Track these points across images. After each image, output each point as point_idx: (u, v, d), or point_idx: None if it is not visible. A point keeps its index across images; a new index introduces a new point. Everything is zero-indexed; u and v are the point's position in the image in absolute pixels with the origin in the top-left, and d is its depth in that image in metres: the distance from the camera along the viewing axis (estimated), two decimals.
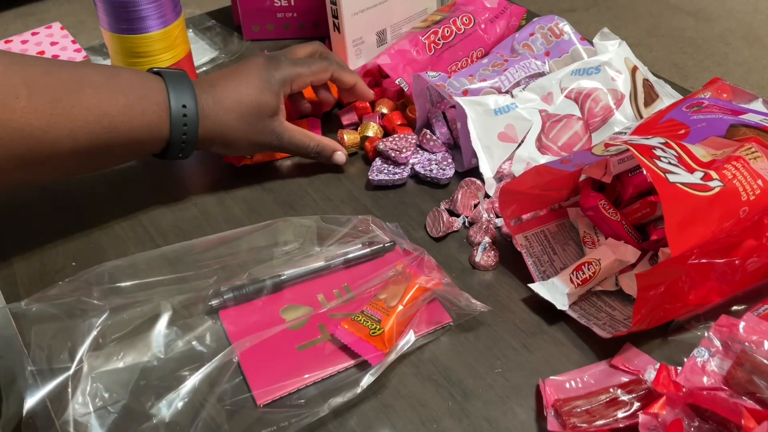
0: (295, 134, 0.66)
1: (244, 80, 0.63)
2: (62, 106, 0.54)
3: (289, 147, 0.67)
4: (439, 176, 0.67)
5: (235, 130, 0.63)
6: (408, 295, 0.53)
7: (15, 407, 0.46)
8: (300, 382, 0.49)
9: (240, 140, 0.64)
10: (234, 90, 0.62)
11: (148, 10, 0.69)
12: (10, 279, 0.59)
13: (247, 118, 0.63)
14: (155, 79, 0.60)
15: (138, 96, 0.58)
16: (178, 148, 0.61)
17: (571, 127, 0.69)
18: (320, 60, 0.68)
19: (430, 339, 0.53)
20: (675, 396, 0.44)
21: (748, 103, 0.66)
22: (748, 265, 0.50)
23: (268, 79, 0.63)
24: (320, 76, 0.68)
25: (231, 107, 0.62)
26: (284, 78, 0.65)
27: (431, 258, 0.57)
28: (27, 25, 2.64)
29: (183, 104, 0.59)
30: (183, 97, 0.60)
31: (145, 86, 0.59)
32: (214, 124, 0.62)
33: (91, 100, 0.55)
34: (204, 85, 0.62)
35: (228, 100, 0.62)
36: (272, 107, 0.64)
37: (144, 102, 0.58)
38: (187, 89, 0.60)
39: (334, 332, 0.52)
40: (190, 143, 0.61)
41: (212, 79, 0.63)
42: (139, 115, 0.58)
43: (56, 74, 0.55)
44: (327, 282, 0.57)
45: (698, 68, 2.34)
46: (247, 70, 0.64)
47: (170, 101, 0.59)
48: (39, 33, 0.84)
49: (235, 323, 0.53)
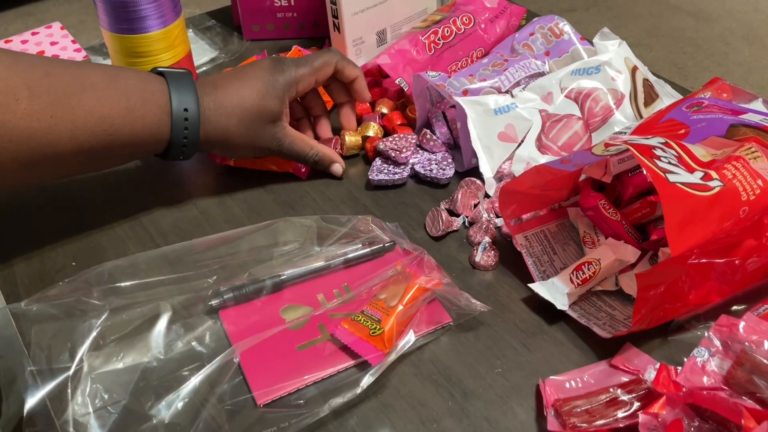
0: (296, 141, 0.66)
1: (247, 83, 0.62)
2: (63, 109, 0.54)
3: (288, 153, 0.66)
4: (439, 176, 0.67)
5: (236, 134, 0.62)
6: (408, 295, 0.53)
7: (15, 407, 0.46)
8: (300, 382, 0.49)
9: (240, 144, 0.63)
10: (236, 93, 0.62)
11: (148, 10, 0.69)
12: (10, 279, 0.59)
13: (248, 122, 0.62)
14: (158, 80, 0.60)
15: (139, 99, 0.58)
16: (178, 150, 0.61)
17: (571, 127, 0.69)
18: (321, 54, 0.67)
19: (430, 339, 0.53)
20: (675, 396, 0.44)
21: (748, 103, 0.66)
22: (748, 265, 0.50)
23: (272, 83, 0.63)
24: (324, 71, 0.67)
25: (233, 111, 0.61)
26: (289, 81, 0.64)
27: (431, 258, 0.57)
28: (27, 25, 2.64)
29: (185, 108, 0.59)
30: (185, 100, 0.59)
31: (147, 89, 0.59)
32: (214, 128, 0.61)
33: (92, 103, 0.55)
34: (207, 87, 0.62)
35: (230, 104, 0.61)
36: (274, 113, 0.63)
37: (145, 105, 0.58)
38: (189, 91, 0.60)
39: (334, 332, 0.52)
40: (191, 145, 0.61)
41: (216, 81, 0.63)
42: (140, 119, 0.58)
43: (58, 76, 0.55)
44: (327, 282, 0.57)
45: (698, 68, 2.34)
46: (252, 74, 0.63)
47: (172, 104, 0.59)
48: (39, 33, 0.84)
49: (235, 323, 0.53)
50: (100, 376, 0.48)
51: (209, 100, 0.61)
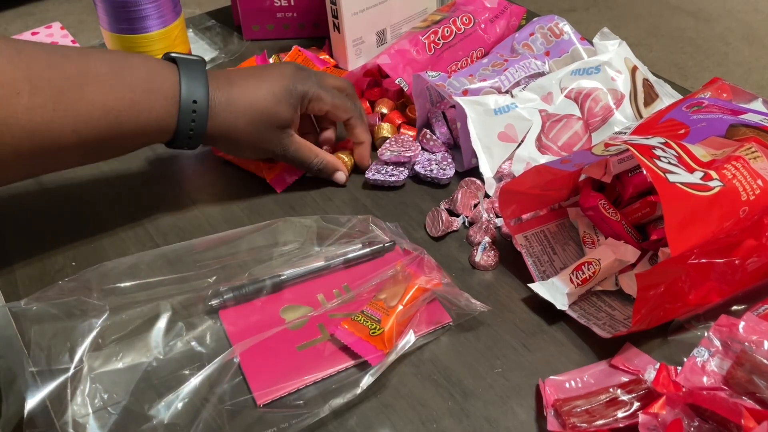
0: (302, 149, 0.65)
1: (265, 85, 0.61)
2: (65, 102, 0.52)
3: (293, 160, 0.65)
4: (439, 176, 0.67)
5: (243, 133, 0.61)
6: (408, 295, 0.53)
7: (15, 407, 0.46)
8: (300, 383, 0.49)
9: (246, 144, 0.63)
10: (252, 93, 0.61)
11: (148, 10, 0.69)
12: (10, 279, 0.59)
13: (258, 124, 0.61)
14: (168, 68, 0.58)
15: (145, 90, 0.56)
16: (184, 141, 0.60)
17: (571, 127, 0.69)
18: (346, 99, 0.66)
19: (430, 339, 0.53)
20: (675, 396, 0.44)
21: (748, 103, 0.66)
22: (748, 265, 0.50)
23: (290, 90, 0.62)
24: (338, 113, 0.66)
25: (244, 110, 0.60)
26: (305, 93, 0.63)
27: (431, 258, 0.57)
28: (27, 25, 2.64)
29: (194, 99, 0.58)
30: (195, 92, 0.58)
31: (155, 79, 0.57)
32: (222, 124, 0.60)
33: (95, 96, 0.54)
34: (221, 80, 0.61)
35: (242, 103, 0.60)
36: (286, 119, 0.62)
37: (152, 96, 0.57)
38: (201, 81, 0.59)
39: (334, 332, 0.52)
40: (196, 137, 0.60)
41: (231, 77, 0.62)
42: (146, 110, 0.56)
43: (60, 67, 0.53)
44: (327, 282, 0.57)
45: (698, 68, 2.34)
46: (272, 76, 0.62)
47: (181, 95, 0.57)
48: (39, 33, 0.84)
49: (235, 323, 0.53)
50: (99, 376, 0.48)
51: (222, 95, 0.60)
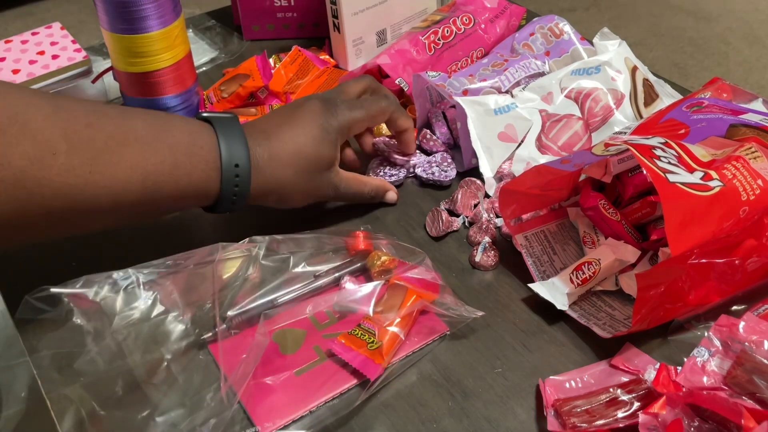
0: (351, 183, 0.62)
1: (301, 130, 0.58)
2: (103, 164, 0.49)
3: (344, 195, 0.63)
4: (441, 178, 0.67)
5: (292, 184, 0.58)
6: (404, 307, 0.52)
7: (15, 407, 0.46)
8: (303, 410, 0.48)
9: (297, 194, 0.60)
10: (292, 142, 0.57)
11: (148, 10, 0.68)
12: (11, 279, 0.59)
13: (305, 172, 0.58)
14: (205, 130, 0.55)
15: (186, 154, 0.53)
16: (228, 205, 0.57)
17: (571, 127, 0.69)
18: (377, 101, 0.63)
19: (426, 352, 0.53)
20: (675, 396, 0.44)
21: (748, 102, 0.66)
22: (748, 265, 0.50)
23: (326, 128, 0.59)
24: (377, 120, 0.64)
25: (288, 161, 0.57)
26: (342, 126, 0.60)
27: (429, 264, 0.57)
28: (27, 25, 2.63)
29: (235, 163, 0.55)
30: (236, 154, 0.55)
31: (195, 143, 0.54)
32: (268, 180, 0.57)
33: (135, 159, 0.51)
34: (257, 135, 0.57)
35: (285, 155, 0.57)
36: (330, 159, 0.59)
37: (192, 160, 0.53)
38: (239, 142, 0.55)
39: (332, 347, 0.51)
40: (241, 199, 0.57)
41: (266, 129, 0.58)
42: (186, 176, 0.53)
43: (100, 127, 0.50)
44: (317, 303, 0.55)
45: (698, 68, 2.34)
46: (303, 117, 0.59)
47: (222, 159, 0.54)
48: (39, 33, 0.84)
49: (227, 355, 0.51)
50: (98, 378, 0.48)
51: (262, 151, 0.56)
